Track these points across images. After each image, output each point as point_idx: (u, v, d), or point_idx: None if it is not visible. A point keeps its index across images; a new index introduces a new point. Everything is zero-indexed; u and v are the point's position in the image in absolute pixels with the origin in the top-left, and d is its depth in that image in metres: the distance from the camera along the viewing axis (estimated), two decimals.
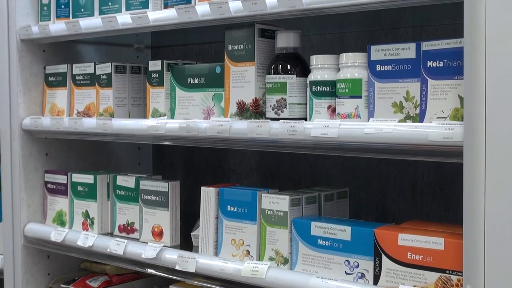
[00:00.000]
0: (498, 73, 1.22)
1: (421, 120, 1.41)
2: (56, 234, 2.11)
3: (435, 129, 1.33)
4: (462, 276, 1.31)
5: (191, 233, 1.92)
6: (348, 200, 1.82)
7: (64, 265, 2.34)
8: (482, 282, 1.25)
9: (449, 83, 1.38)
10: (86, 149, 2.37)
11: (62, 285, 2.24)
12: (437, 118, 1.39)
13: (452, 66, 1.37)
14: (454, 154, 1.30)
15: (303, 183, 2.13)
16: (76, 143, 2.33)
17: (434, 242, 1.39)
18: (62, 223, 2.18)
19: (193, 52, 2.43)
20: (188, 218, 2.00)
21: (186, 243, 1.92)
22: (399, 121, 1.42)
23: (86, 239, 2.02)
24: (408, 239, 1.42)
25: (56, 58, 2.27)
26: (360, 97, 1.51)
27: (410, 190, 1.92)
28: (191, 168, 2.48)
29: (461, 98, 1.36)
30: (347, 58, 1.54)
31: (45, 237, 2.14)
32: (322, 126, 1.50)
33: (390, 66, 1.47)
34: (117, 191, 2.07)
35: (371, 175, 1.99)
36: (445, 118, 1.38)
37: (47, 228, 2.16)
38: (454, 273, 1.36)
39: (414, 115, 1.43)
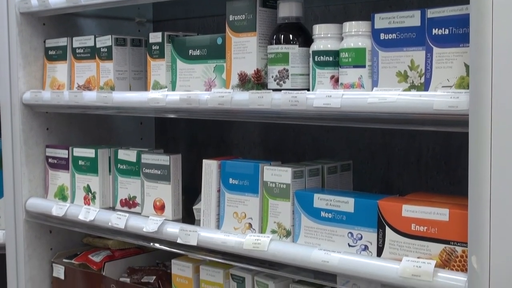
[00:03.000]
0: (505, 40, 1.19)
1: (426, 89, 1.38)
2: (58, 209, 2.09)
3: (440, 98, 1.30)
4: (467, 247, 1.29)
5: (193, 207, 1.90)
6: (351, 173, 1.80)
7: (66, 240, 2.33)
8: (487, 253, 1.23)
9: (454, 51, 1.34)
10: (87, 124, 2.35)
11: (64, 260, 2.24)
12: (442, 87, 1.36)
13: (458, 34, 1.34)
14: (460, 123, 1.28)
15: (307, 157, 2.10)
16: (77, 118, 2.31)
17: (438, 213, 1.36)
18: (63, 198, 2.17)
19: (194, 25, 2.40)
20: (191, 193, 1.98)
21: (188, 217, 1.90)
22: (404, 91, 1.39)
23: (88, 213, 2.00)
24: (412, 211, 1.40)
25: (56, 31, 2.25)
26: (364, 66, 1.48)
27: (415, 163, 1.89)
28: (193, 143, 2.46)
29: (467, 66, 1.32)
30: (350, 27, 1.50)
31: (46, 211, 2.13)
32: (325, 96, 1.47)
33: (395, 35, 1.43)
34: (119, 165, 2.05)
35: (375, 149, 1.97)
36: (451, 87, 1.35)
37: (48, 203, 2.15)
38: (459, 244, 1.34)
39: (419, 84, 1.40)
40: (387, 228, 1.44)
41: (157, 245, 1.85)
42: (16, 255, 2.22)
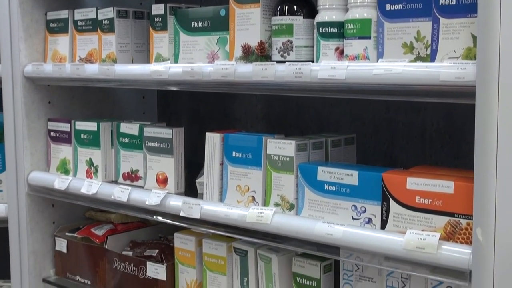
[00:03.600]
0: None
1: (432, 61, 1.36)
2: (60, 182, 2.09)
3: (446, 69, 1.28)
4: (471, 220, 1.28)
5: (196, 180, 1.89)
6: (355, 146, 1.79)
7: (69, 214, 2.33)
8: (492, 226, 1.22)
9: (461, 22, 1.32)
10: (89, 98, 2.33)
11: (67, 233, 2.24)
12: (449, 58, 1.34)
13: (465, 4, 1.32)
14: (466, 95, 1.26)
15: (310, 131, 2.09)
16: (80, 92, 2.29)
17: (443, 185, 1.35)
18: (66, 172, 2.16)
19: None
20: (193, 168, 1.97)
21: (191, 191, 1.89)
22: (409, 62, 1.38)
23: (90, 187, 2.00)
24: (417, 183, 1.39)
25: (57, 4, 2.22)
26: (369, 37, 1.46)
27: (419, 138, 1.88)
28: (196, 118, 2.44)
29: (474, 37, 1.31)
30: None
31: (49, 185, 2.12)
32: (330, 67, 1.45)
33: (401, 5, 1.41)
34: (121, 138, 2.04)
35: (379, 123, 1.95)
36: (457, 58, 1.33)
37: (50, 176, 2.14)
38: (463, 217, 1.33)
39: (425, 55, 1.38)
40: (391, 201, 1.43)
41: (159, 218, 1.84)
42: (19, 229, 2.21)
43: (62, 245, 2.23)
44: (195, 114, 2.45)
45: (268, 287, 1.75)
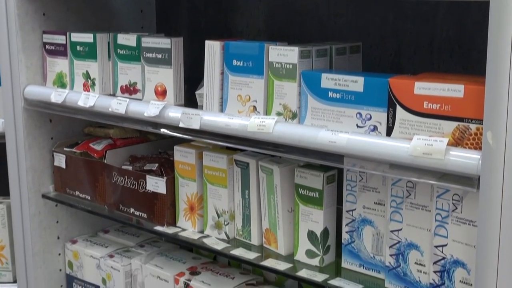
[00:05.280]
0: None
1: None
2: (57, 95, 2.03)
3: None
4: (481, 124, 1.23)
5: (196, 92, 1.83)
6: (361, 55, 1.72)
7: (67, 130, 2.28)
8: (503, 129, 1.17)
9: None
10: (85, 10, 2.25)
11: (65, 149, 2.20)
12: None
13: None
14: None
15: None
16: (75, 3, 2.21)
17: (453, 89, 1.29)
18: (62, 85, 2.10)
19: None
20: (193, 83, 1.90)
21: (190, 104, 1.83)
22: None
23: (87, 99, 1.94)
24: (425, 88, 1.33)
25: None
26: None
27: (427, 47, 1.81)
28: (196, 32, 2.36)
29: None
30: None
31: (45, 99, 2.07)
32: None
33: None
34: (118, 50, 1.97)
35: (386, 32, 1.88)
36: None
37: (47, 90, 2.09)
38: (473, 121, 1.27)
39: None
40: (397, 107, 1.37)
41: (163, 130, 1.78)
42: (16, 144, 2.17)
43: (60, 160, 2.19)
44: (195, 27, 2.37)
45: (269, 199, 1.72)
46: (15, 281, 2.34)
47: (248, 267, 2.08)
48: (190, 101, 1.85)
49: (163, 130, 1.78)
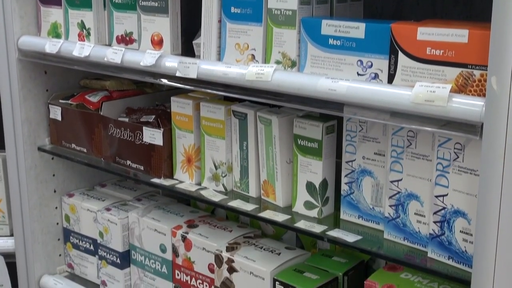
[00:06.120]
0: None
1: None
2: (51, 46, 1.99)
3: None
4: (485, 70, 1.20)
5: (193, 42, 1.79)
6: (362, 3, 1.67)
7: (62, 83, 2.25)
8: (508, 75, 1.13)
9: None
10: None
11: (61, 100, 2.16)
12: None
13: None
14: None
15: None
16: None
17: (457, 34, 1.25)
18: (57, 36, 2.06)
19: None
20: (190, 35, 1.85)
21: (188, 54, 1.79)
22: None
23: (82, 49, 1.90)
24: (429, 33, 1.29)
25: None
26: None
27: None
28: None
29: None
30: None
31: (40, 49, 2.02)
32: None
33: None
34: None
35: None
36: None
37: (41, 40, 2.04)
38: (477, 67, 1.24)
39: None
40: (399, 53, 1.34)
41: (164, 80, 1.74)
42: (11, 96, 2.14)
43: (56, 112, 2.16)
44: None
45: (268, 150, 1.69)
46: (12, 235, 2.33)
47: (246, 221, 2.07)
48: (188, 52, 1.80)
49: (161, 80, 1.74)
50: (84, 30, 1.97)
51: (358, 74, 1.41)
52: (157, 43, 1.80)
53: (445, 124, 1.27)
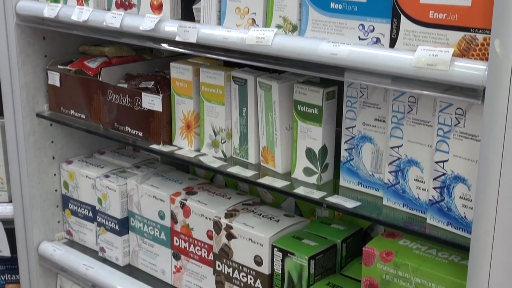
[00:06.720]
0: None
1: None
2: (50, 10, 1.97)
3: None
4: (489, 34, 1.18)
5: (193, 7, 1.77)
6: None
7: (61, 48, 2.23)
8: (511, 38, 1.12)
9: None
10: None
11: (59, 66, 2.15)
12: None
13: None
14: None
15: None
16: None
17: None
18: (56, 1, 2.03)
19: None
20: (190, 2, 1.83)
21: (187, 19, 1.77)
22: None
23: (81, 14, 1.88)
24: None
25: None
26: None
27: None
28: None
29: None
30: None
31: (38, 13, 2.00)
32: None
33: None
34: None
35: None
36: None
37: (40, 5, 2.02)
38: (480, 31, 1.22)
39: None
40: (402, 17, 1.32)
41: (163, 45, 1.72)
42: (9, 61, 2.12)
43: (54, 78, 2.14)
44: None
45: (267, 116, 1.68)
46: (10, 201, 2.32)
47: (245, 188, 2.07)
48: (188, 17, 1.78)
49: (161, 44, 1.72)
50: None
51: (360, 39, 1.39)
52: (157, 7, 1.78)
53: (447, 89, 1.26)
